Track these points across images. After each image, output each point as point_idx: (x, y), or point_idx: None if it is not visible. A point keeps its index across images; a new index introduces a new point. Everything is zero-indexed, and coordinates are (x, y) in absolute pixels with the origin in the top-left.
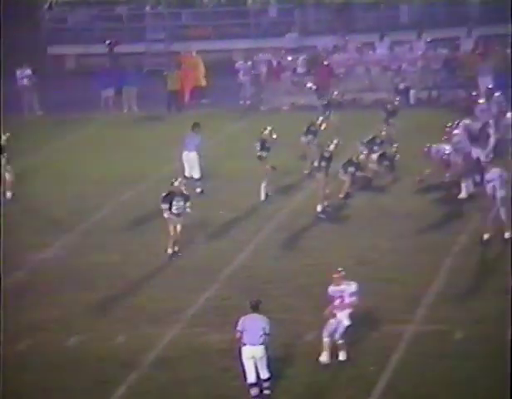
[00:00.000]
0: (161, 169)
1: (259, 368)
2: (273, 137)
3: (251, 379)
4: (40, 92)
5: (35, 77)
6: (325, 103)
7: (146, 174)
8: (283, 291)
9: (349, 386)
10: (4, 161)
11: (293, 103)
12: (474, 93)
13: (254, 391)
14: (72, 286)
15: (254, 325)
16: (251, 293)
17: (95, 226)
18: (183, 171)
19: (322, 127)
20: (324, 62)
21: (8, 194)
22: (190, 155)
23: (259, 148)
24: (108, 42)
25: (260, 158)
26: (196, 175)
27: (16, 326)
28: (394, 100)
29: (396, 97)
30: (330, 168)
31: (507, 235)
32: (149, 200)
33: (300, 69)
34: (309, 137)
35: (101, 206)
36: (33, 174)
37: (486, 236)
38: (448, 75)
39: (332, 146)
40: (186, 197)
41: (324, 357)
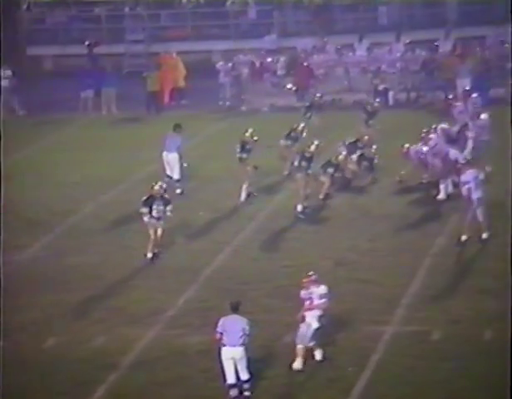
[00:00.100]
0: (141, 170)
1: (239, 369)
2: (254, 139)
3: (231, 380)
4: (19, 93)
5: (15, 78)
6: (307, 105)
7: (126, 175)
8: (263, 292)
9: (328, 386)
10: None
11: (273, 104)
12: (450, 96)
13: (234, 392)
14: (51, 287)
15: (235, 326)
16: (230, 294)
17: (74, 227)
18: (164, 172)
19: (304, 134)
20: (304, 63)
21: None
22: (170, 156)
23: (240, 150)
24: (88, 43)
25: (241, 160)
26: (176, 176)
27: None
28: (374, 101)
29: (376, 98)
30: (310, 168)
31: (484, 236)
32: (128, 202)
33: (280, 70)
34: (289, 142)
35: (80, 207)
36: (12, 175)
37: (464, 237)
38: (426, 76)
39: (313, 147)
40: (167, 201)
41: (298, 364)
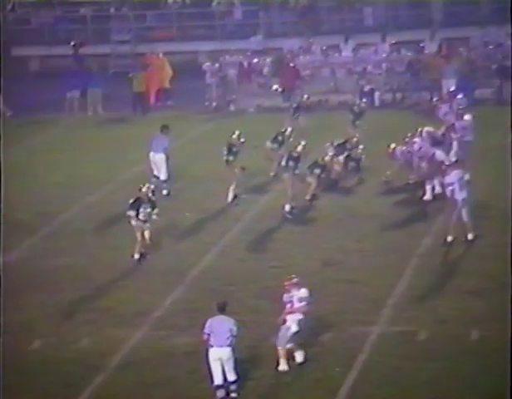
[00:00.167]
0: (127, 170)
1: (226, 370)
2: (241, 141)
3: (218, 381)
4: (5, 94)
5: (0, 79)
6: (295, 106)
7: (112, 175)
8: (250, 293)
9: (315, 387)
10: None
11: (259, 105)
12: (435, 98)
13: (221, 393)
14: (37, 289)
15: (222, 327)
16: (217, 295)
17: (60, 228)
18: (151, 172)
19: (291, 139)
20: (290, 64)
21: None
22: (157, 157)
23: (226, 152)
24: (73, 44)
25: (227, 162)
26: (163, 177)
27: None
28: (360, 102)
29: (363, 99)
30: (297, 168)
31: (470, 237)
32: (115, 202)
33: (266, 71)
34: (275, 145)
35: (67, 208)
36: None
37: (450, 238)
38: (412, 77)
39: (300, 147)
40: (153, 204)
41: (283, 365)
